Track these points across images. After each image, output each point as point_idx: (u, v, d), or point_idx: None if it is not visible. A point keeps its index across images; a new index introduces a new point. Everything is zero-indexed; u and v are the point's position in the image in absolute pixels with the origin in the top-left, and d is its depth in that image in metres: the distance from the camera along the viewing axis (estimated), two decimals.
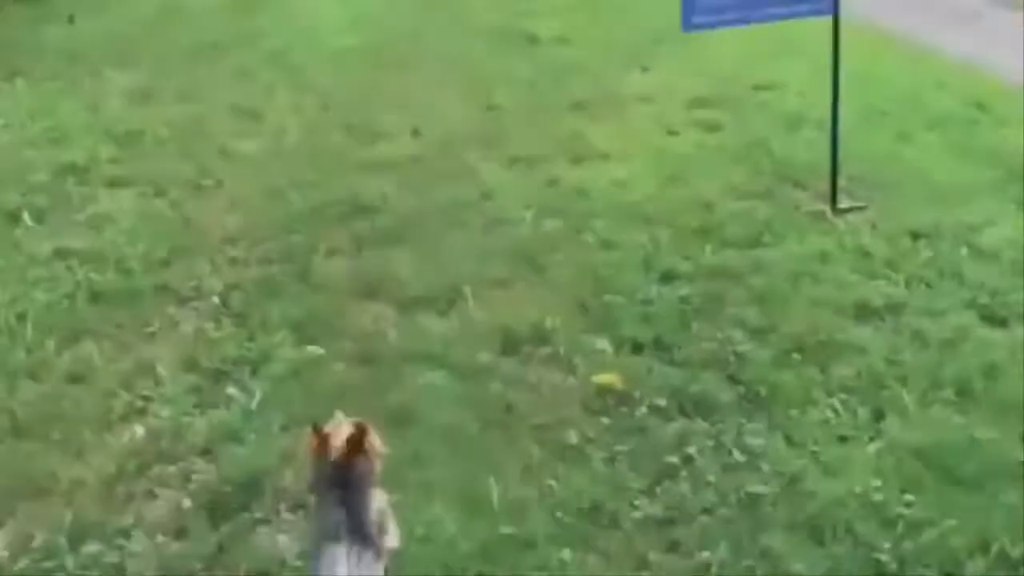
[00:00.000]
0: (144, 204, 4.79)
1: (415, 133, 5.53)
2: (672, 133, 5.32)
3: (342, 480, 2.18)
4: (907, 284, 3.73)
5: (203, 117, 5.93)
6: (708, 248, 4.04)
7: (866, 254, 3.95)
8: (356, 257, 4.21)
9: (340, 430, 2.21)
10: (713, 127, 5.34)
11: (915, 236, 4.05)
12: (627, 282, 3.83)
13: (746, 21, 4.31)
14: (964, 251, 3.91)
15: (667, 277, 3.85)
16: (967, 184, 4.52)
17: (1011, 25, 7.75)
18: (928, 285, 3.72)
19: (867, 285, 3.74)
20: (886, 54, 6.48)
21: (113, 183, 5.03)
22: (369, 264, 4.14)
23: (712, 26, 4.31)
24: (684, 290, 3.75)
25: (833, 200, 4.38)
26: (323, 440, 2.19)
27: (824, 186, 4.50)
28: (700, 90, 5.91)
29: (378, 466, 2.26)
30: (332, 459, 2.18)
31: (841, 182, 4.43)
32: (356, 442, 2.19)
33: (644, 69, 6.38)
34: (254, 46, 7.28)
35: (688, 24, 4.23)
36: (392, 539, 2.32)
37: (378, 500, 2.26)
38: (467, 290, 3.80)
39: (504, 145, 5.28)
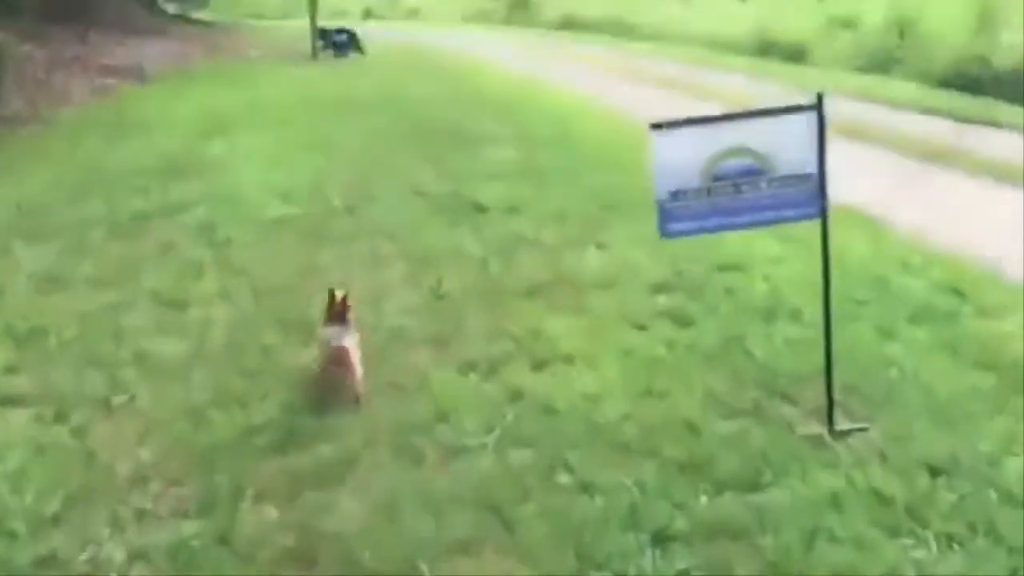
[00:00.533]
0: (40, 432, 3.91)
1: None
2: (639, 328, 4.69)
3: (340, 318, 4.04)
4: (937, 543, 3.07)
5: (119, 308, 5.12)
6: (703, 493, 3.35)
7: (882, 498, 3.29)
8: (290, 506, 3.40)
9: (338, 295, 4.05)
10: (682, 321, 4.73)
11: (932, 472, 3.42)
12: (615, 547, 3.07)
13: (729, 228, 3.74)
14: (992, 495, 3.29)
15: (660, 538, 3.11)
16: (967, 395, 3.95)
17: (953, 189, 7.52)
18: (961, 545, 3.06)
19: (893, 546, 3.06)
20: (837, 229, 6.03)
21: (6, 401, 4.16)
22: (305, 517, 3.33)
23: (691, 233, 3.71)
24: (683, 560, 3.01)
25: (830, 419, 3.77)
26: (332, 296, 4.05)
27: (813, 397, 3.91)
28: (660, 271, 5.35)
29: (353, 318, 4.07)
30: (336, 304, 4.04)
31: (834, 393, 3.84)
32: (344, 301, 4.04)
33: (599, 245, 5.84)
34: (180, 217, 6.57)
35: (665, 232, 3.66)
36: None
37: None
38: (424, 568, 3.03)
39: (456, 344, 4.58)
